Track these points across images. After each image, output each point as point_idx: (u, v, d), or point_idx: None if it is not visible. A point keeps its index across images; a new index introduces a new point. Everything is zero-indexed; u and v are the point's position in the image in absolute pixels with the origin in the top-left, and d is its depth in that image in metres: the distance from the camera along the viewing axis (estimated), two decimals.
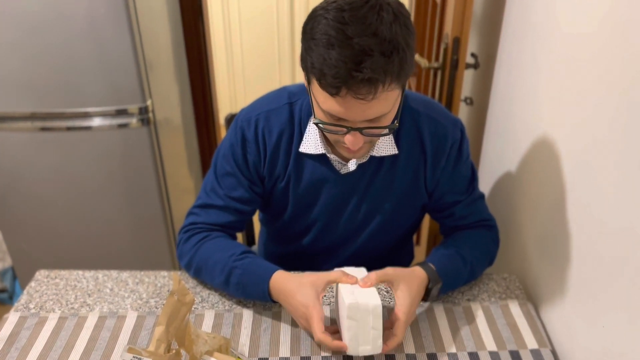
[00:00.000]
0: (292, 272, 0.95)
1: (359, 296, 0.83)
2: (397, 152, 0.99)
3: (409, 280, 0.91)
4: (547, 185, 1.03)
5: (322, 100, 0.81)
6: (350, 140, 0.84)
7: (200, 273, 1.03)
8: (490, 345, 0.93)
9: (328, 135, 0.92)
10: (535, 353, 0.91)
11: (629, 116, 0.73)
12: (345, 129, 0.83)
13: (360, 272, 0.90)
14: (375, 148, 0.97)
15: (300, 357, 0.90)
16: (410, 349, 0.92)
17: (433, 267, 0.97)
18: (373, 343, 0.83)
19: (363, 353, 0.83)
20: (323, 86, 0.78)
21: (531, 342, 0.93)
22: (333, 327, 0.94)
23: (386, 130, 0.86)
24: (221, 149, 1.06)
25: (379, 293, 0.84)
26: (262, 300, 0.96)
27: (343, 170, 1.01)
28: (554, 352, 0.92)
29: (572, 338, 0.91)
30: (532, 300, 1.07)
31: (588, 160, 0.86)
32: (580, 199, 0.89)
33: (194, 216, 1.07)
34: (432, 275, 0.96)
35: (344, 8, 0.76)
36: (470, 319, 0.98)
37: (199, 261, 1.02)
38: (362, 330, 0.82)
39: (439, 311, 1.00)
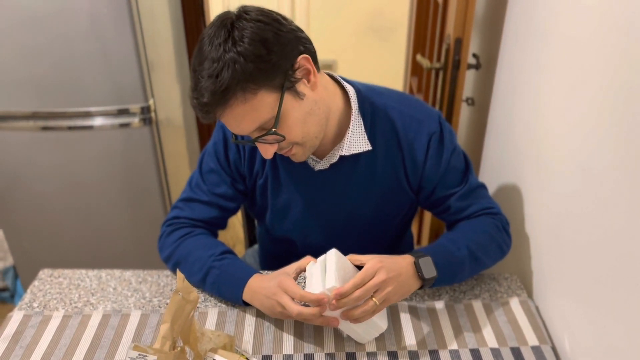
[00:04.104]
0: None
1: (322, 277, 0.85)
2: (370, 148, 0.99)
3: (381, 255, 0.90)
4: (548, 185, 1.04)
5: None
6: (260, 150, 0.90)
7: (179, 268, 1.03)
8: (492, 341, 0.93)
9: None
10: (536, 350, 0.92)
11: (632, 117, 0.74)
12: (250, 142, 0.89)
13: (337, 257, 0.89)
14: (346, 146, 0.97)
15: (304, 354, 0.91)
16: (412, 345, 0.92)
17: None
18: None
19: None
20: None
21: (532, 339, 0.94)
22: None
23: (278, 137, 0.86)
24: (207, 148, 1.09)
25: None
26: (235, 302, 0.99)
27: (317, 167, 1.02)
28: (554, 349, 0.93)
29: (572, 335, 0.91)
30: (532, 298, 1.07)
31: (590, 161, 0.86)
32: (581, 200, 0.89)
33: (178, 210, 1.09)
34: (414, 253, 0.93)
35: (203, 37, 0.83)
36: (472, 316, 0.99)
37: (179, 256, 1.03)
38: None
39: (441, 308, 1.01)
